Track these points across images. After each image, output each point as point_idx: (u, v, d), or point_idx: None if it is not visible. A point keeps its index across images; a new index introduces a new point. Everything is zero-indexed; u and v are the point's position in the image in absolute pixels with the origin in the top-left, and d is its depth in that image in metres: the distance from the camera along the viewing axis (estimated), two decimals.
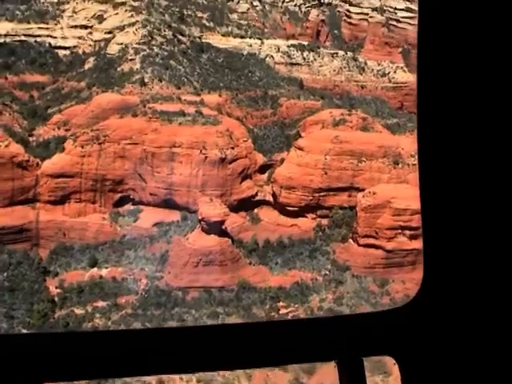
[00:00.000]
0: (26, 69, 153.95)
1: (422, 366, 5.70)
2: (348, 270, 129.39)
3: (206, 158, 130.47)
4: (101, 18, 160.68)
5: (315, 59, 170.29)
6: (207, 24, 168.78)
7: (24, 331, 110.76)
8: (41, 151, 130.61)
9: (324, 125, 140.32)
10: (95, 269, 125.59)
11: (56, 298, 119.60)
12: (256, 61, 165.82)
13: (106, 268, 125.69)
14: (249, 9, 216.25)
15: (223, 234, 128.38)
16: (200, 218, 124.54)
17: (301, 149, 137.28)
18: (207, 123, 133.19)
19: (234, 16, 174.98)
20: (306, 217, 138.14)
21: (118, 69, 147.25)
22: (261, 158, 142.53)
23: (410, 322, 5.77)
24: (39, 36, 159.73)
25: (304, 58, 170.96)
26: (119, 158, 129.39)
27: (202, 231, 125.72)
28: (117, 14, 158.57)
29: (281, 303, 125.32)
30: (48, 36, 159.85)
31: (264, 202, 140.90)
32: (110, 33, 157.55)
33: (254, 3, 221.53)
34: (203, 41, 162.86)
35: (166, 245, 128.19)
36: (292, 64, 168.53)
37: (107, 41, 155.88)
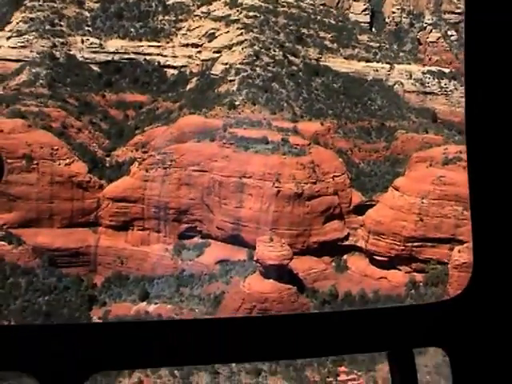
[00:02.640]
0: (127, 87, 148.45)
1: (472, 358, 5.70)
2: None
3: (279, 191, 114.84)
4: (212, 37, 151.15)
5: (456, 89, 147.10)
6: (329, 45, 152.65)
7: None
8: (111, 173, 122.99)
9: (432, 163, 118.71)
10: (144, 303, 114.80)
11: None
12: (381, 88, 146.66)
13: (156, 304, 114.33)
14: (439, 38, 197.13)
15: (290, 279, 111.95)
16: (255, 259, 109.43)
17: (397, 189, 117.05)
18: (289, 153, 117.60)
19: (364, 37, 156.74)
20: (399, 269, 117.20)
21: (217, 90, 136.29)
22: (358, 198, 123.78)
23: (460, 314, 5.75)
24: (149, 54, 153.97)
25: (441, 87, 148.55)
26: (184, 185, 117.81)
27: (260, 275, 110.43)
28: (228, 32, 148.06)
29: (343, 368, 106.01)
30: (158, 55, 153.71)
31: (356, 248, 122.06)
32: (218, 52, 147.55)
33: (449, 32, 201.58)
34: (321, 63, 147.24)
35: (225, 285, 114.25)
36: (426, 93, 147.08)
37: (214, 60, 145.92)
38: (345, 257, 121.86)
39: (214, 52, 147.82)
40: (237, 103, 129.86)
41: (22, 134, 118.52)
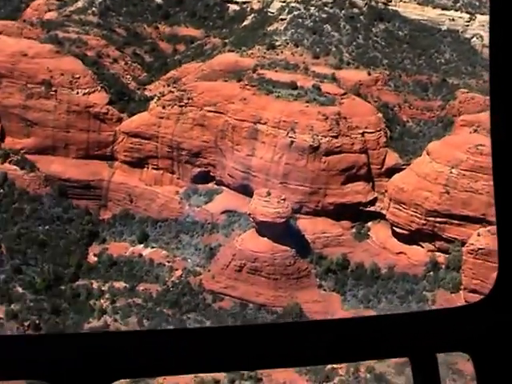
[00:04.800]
0: (183, 21, 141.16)
1: (497, 362, 5.69)
2: None
3: (292, 142, 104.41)
4: None
5: None
6: None
7: (19, 290, 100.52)
8: (135, 106, 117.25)
9: (478, 128, 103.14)
10: (141, 246, 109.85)
11: (84, 267, 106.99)
12: (455, 39, 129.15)
13: (152, 248, 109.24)
14: None
15: (292, 240, 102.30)
16: (248, 213, 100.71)
17: (429, 154, 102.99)
18: (314, 101, 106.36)
19: None
20: (422, 246, 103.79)
21: (266, 29, 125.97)
22: (393, 159, 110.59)
23: (485, 319, 5.74)
24: None
25: None
26: (198, 126, 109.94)
27: (256, 232, 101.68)
28: None
29: None
30: None
31: (382, 216, 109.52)
32: None
33: None
34: (389, 7, 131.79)
35: (224, 238, 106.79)
36: None
37: None
38: (369, 224, 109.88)
39: None
40: (278, 43, 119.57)
41: (45, 60, 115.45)
